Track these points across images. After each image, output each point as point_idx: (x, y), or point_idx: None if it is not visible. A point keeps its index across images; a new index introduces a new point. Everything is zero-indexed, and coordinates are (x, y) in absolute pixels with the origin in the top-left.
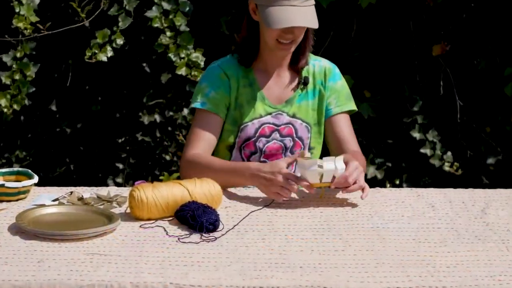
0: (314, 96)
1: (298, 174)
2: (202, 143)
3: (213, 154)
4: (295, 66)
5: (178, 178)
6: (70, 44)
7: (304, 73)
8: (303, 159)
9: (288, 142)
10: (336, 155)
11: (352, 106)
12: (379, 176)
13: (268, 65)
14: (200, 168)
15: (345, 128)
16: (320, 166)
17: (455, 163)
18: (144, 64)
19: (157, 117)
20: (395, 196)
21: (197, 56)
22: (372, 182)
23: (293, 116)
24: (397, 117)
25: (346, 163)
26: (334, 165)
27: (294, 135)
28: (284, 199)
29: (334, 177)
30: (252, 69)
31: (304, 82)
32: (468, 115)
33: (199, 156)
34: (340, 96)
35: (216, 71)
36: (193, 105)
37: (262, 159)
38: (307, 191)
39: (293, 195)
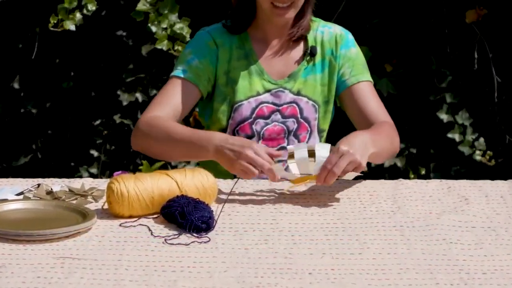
0: (322, 69)
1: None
2: (167, 108)
3: None
4: (291, 33)
5: (162, 168)
6: (36, 9)
7: (311, 42)
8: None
9: (292, 124)
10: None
11: (369, 78)
12: (400, 164)
13: (267, 34)
14: (156, 133)
15: (368, 97)
16: (311, 153)
17: (488, 152)
18: (123, 34)
19: (138, 96)
20: (421, 189)
21: (182, 28)
22: (393, 172)
23: (298, 93)
24: (422, 95)
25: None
26: (327, 151)
27: (299, 116)
28: (250, 178)
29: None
30: (249, 38)
31: (311, 53)
32: (508, 93)
33: (157, 119)
34: (356, 64)
35: (205, 38)
36: (172, 74)
37: (261, 144)
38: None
39: (302, 187)
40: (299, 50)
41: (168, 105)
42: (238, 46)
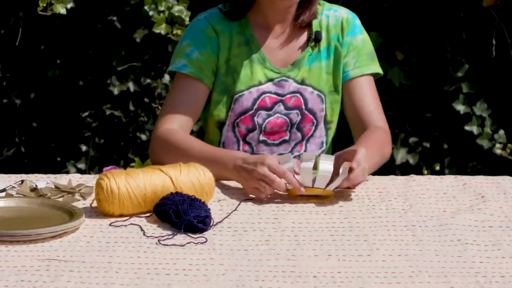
0: (328, 55)
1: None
2: (180, 117)
3: (202, 136)
4: (301, 20)
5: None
6: None
7: (315, 27)
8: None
9: (295, 116)
10: (355, 130)
11: (376, 69)
12: (412, 161)
13: (269, 19)
14: (173, 150)
15: (366, 95)
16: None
17: (509, 145)
18: (114, 18)
19: (130, 86)
20: (434, 186)
21: (181, 10)
22: (405, 168)
23: (302, 82)
24: (437, 85)
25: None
26: (331, 166)
27: (303, 107)
28: (263, 196)
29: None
30: (249, 23)
31: (316, 39)
32: None
33: (173, 133)
34: (361, 55)
35: (202, 26)
36: (171, 68)
37: (261, 137)
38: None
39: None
40: (303, 35)
41: (179, 114)
42: (238, 32)
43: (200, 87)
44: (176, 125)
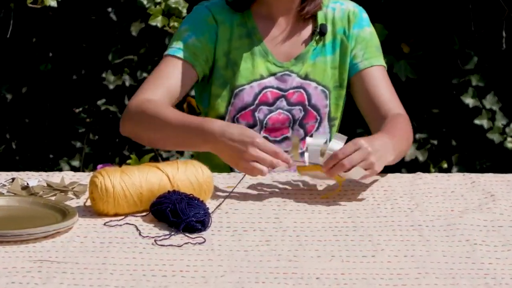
0: (333, 50)
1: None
2: (160, 90)
3: None
4: (306, 12)
5: (152, 159)
6: None
7: (320, 20)
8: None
9: (297, 112)
10: (373, 122)
11: (382, 62)
12: (421, 158)
13: (273, 10)
14: (146, 119)
15: (379, 84)
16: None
17: None
18: (109, 10)
19: (126, 80)
20: (441, 184)
21: (178, 2)
22: (412, 166)
23: (305, 77)
24: (445, 78)
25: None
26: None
27: (306, 103)
28: (258, 175)
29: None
30: (251, 14)
31: (321, 32)
32: None
33: (149, 102)
34: (369, 46)
35: (203, 13)
36: (166, 53)
37: (263, 134)
38: (284, 167)
39: (308, 180)
40: (307, 29)
41: (161, 87)
42: (239, 24)
43: (190, 71)
44: (155, 97)
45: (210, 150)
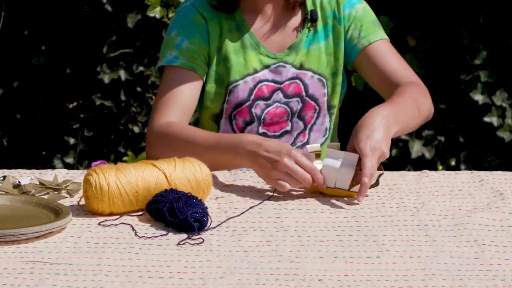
0: (326, 35)
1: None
2: (175, 109)
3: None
4: (295, 0)
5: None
6: None
7: (309, 6)
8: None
9: (295, 104)
10: (388, 96)
11: (383, 35)
12: (428, 155)
13: (260, 1)
14: (175, 142)
15: (385, 56)
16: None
17: None
18: (104, 1)
19: (121, 74)
20: (448, 182)
21: None
22: (418, 163)
23: (301, 67)
24: (452, 73)
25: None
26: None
27: (303, 94)
28: (286, 189)
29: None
30: (239, 7)
31: (312, 18)
32: None
33: (172, 125)
34: (364, 24)
35: (189, 13)
36: (161, 63)
37: (261, 130)
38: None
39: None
40: (297, 17)
41: (175, 106)
42: (228, 17)
43: (194, 78)
44: (173, 118)
45: (247, 165)
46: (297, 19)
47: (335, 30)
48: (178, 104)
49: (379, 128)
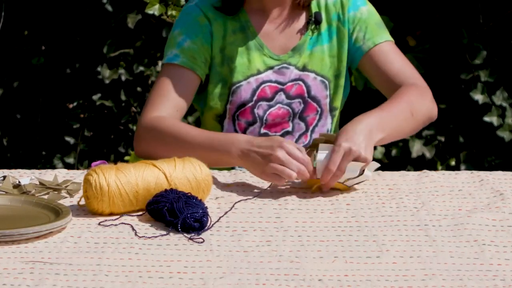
0: (330, 38)
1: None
2: (168, 104)
3: (199, 127)
4: (300, 2)
5: None
6: None
7: (314, 8)
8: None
9: (297, 105)
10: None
11: (388, 37)
12: (428, 154)
13: (265, 3)
14: (165, 138)
15: (389, 58)
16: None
17: None
18: (105, 1)
19: (122, 74)
20: (448, 182)
21: None
22: (418, 163)
23: (304, 68)
24: (453, 73)
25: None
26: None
27: (306, 95)
28: (284, 183)
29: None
30: (244, 8)
31: (316, 21)
32: None
33: (162, 120)
34: (369, 26)
35: (193, 13)
36: (164, 61)
37: (263, 131)
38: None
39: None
40: (301, 19)
41: (168, 101)
42: (232, 18)
43: (192, 77)
44: (165, 114)
45: (239, 164)
46: (301, 21)
47: (339, 32)
48: (172, 100)
49: (360, 133)
